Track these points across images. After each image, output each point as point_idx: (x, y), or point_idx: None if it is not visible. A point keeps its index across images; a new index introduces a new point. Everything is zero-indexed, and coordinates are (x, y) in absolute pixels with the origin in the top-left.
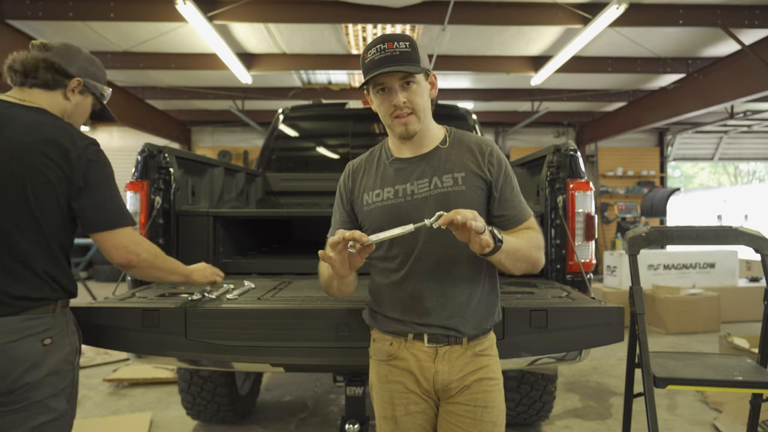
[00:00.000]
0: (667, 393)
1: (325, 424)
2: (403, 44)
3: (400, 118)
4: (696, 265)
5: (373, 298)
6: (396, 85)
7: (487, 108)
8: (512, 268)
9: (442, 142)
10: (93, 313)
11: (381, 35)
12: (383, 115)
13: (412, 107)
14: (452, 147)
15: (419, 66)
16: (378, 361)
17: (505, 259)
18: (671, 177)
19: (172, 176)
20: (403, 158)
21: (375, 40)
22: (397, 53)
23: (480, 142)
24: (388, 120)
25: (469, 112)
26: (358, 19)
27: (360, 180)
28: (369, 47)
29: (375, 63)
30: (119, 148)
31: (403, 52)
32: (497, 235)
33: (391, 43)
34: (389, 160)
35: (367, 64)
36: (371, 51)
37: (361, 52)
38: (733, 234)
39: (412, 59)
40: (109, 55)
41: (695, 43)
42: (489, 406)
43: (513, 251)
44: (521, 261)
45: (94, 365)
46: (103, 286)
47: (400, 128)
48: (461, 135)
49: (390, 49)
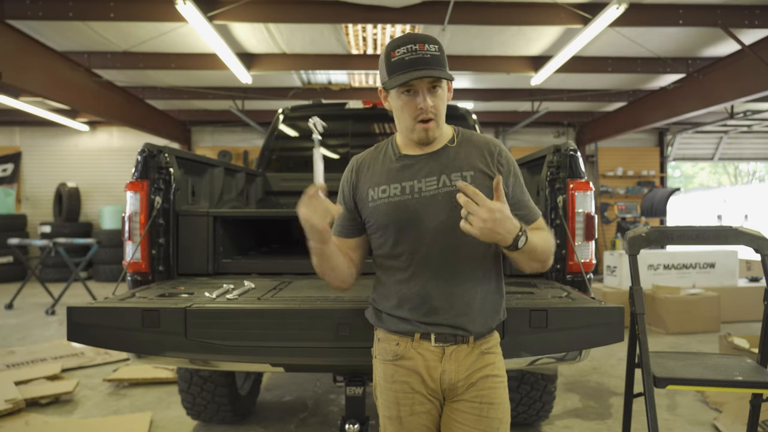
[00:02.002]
0: (667, 393)
1: (325, 424)
2: (434, 47)
3: (424, 123)
4: (696, 265)
5: (379, 297)
6: (424, 89)
7: (487, 108)
8: (524, 265)
9: (451, 140)
10: (93, 313)
11: (408, 34)
12: (405, 117)
13: (435, 112)
14: (460, 146)
15: (447, 71)
16: (383, 361)
17: (520, 255)
18: (671, 177)
19: (172, 176)
20: (412, 155)
21: (403, 39)
22: (428, 56)
23: (489, 142)
24: (410, 123)
25: (469, 112)
26: (358, 19)
27: (365, 175)
28: (396, 45)
29: (406, 63)
30: (119, 148)
31: (434, 55)
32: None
33: (422, 44)
34: (396, 156)
35: (394, 62)
36: (400, 50)
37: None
38: (733, 234)
39: (441, 64)
40: (109, 55)
41: (695, 43)
42: (495, 402)
43: (531, 250)
44: (535, 261)
45: (94, 365)
46: (103, 286)
47: (422, 134)
48: (469, 134)
49: (422, 50)
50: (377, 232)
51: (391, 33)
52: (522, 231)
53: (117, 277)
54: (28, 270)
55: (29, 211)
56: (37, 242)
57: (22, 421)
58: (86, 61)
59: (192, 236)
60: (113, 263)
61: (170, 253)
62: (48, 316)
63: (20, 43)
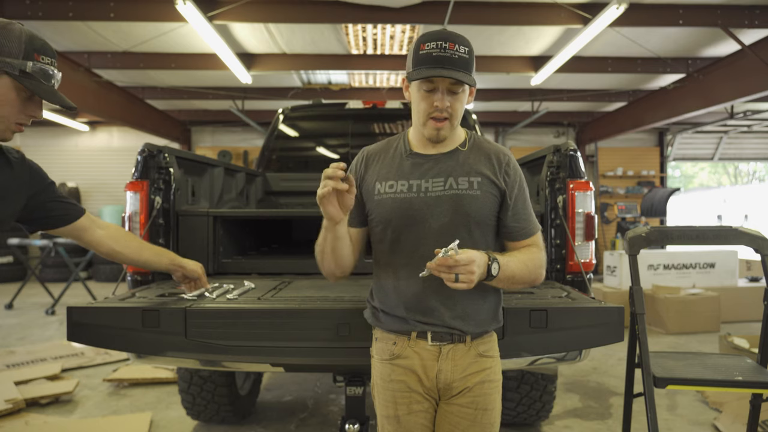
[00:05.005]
0: (667, 393)
1: (325, 424)
2: (464, 49)
3: (437, 120)
4: (696, 265)
5: (376, 296)
6: (444, 88)
7: (487, 108)
8: (507, 289)
9: (462, 144)
10: (93, 313)
11: (444, 30)
12: (420, 112)
13: (451, 113)
14: (471, 151)
15: (471, 76)
16: (381, 360)
17: (500, 284)
18: (671, 177)
19: (172, 176)
20: (422, 154)
21: (436, 34)
22: (456, 57)
23: (498, 151)
24: (423, 118)
25: (469, 112)
26: (358, 19)
27: (374, 167)
28: (428, 39)
29: (433, 59)
30: (119, 148)
31: (462, 57)
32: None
33: (453, 44)
34: (407, 153)
35: (422, 56)
36: (429, 45)
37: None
38: (733, 234)
39: (467, 67)
40: (109, 55)
41: (695, 43)
42: (489, 408)
43: (509, 278)
44: (518, 284)
45: (94, 365)
46: (103, 286)
47: (432, 132)
48: (480, 141)
49: (451, 50)
50: (379, 225)
51: (391, 33)
52: (491, 259)
53: (117, 277)
54: (28, 270)
55: None
56: (37, 242)
57: (22, 421)
58: (86, 61)
59: (192, 236)
60: (113, 263)
61: None
62: (48, 316)
63: None
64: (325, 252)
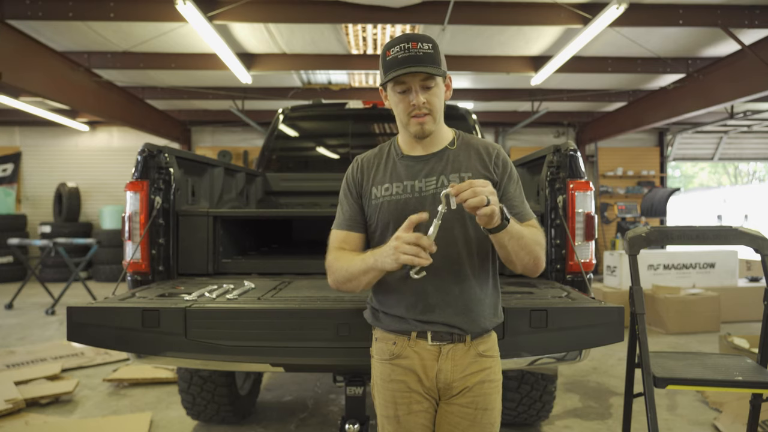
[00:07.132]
0: (667, 393)
1: (325, 424)
2: (426, 45)
3: (418, 117)
4: (696, 265)
5: (376, 296)
6: (416, 86)
7: (487, 108)
8: (515, 257)
9: (451, 143)
10: (93, 313)
11: (404, 34)
12: (400, 113)
13: (429, 108)
14: (460, 149)
15: (440, 68)
16: (381, 360)
17: (509, 241)
18: (671, 177)
19: (172, 176)
20: (413, 156)
21: (398, 39)
22: (420, 54)
23: (487, 145)
24: (405, 118)
25: (469, 112)
26: (358, 19)
27: (370, 174)
28: (391, 45)
29: (398, 61)
30: (119, 148)
31: (426, 53)
32: (506, 214)
33: (415, 43)
34: (399, 156)
35: (389, 61)
36: (394, 49)
37: (360, 51)
38: (733, 234)
39: (435, 61)
40: (109, 55)
41: (695, 43)
42: (489, 408)
43: (518, 236)
44: (524, 250)
45: (94, 365)
46: (103, 286)
47: (417, 127)
48: (469, 138)
49: (414, 49)
50: (378, 229)
51: (391, 33)
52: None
53: (117, 277)
54: (28, 270)
55: (29, 211)
56: (37, 242)
57: (22, 421)
58: (86, 61)
59: (192, 236)
60: (113, 263)
61: (170, 253)
62: (48, 316)
63: (20, 43)
64: (358, 282)
